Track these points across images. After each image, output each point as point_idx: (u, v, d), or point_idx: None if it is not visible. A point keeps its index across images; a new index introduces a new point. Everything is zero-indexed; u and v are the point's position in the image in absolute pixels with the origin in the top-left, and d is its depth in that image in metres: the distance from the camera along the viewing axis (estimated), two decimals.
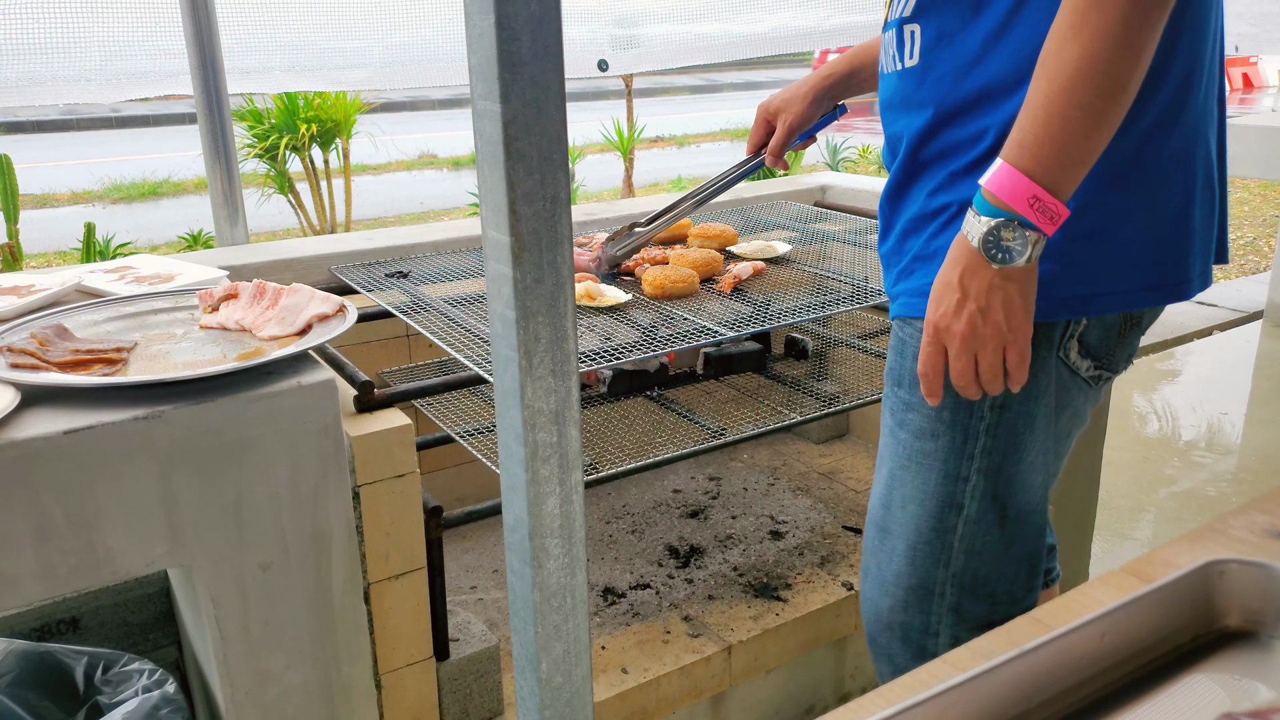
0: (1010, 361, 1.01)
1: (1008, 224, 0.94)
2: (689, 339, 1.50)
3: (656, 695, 1.67)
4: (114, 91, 2.01)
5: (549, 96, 0.66)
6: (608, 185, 8.86)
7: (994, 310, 0.98)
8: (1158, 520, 2.82)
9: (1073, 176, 0.94)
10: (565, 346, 0.73)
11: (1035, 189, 0.93)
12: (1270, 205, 7.88)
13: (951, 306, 1.00)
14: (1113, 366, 1.13)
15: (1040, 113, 0.93)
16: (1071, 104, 0.91)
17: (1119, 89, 0.91)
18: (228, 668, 1.21)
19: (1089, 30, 0.89)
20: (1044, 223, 0.94)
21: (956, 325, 1.00)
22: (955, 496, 1.13)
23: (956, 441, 1.12)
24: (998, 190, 0.95)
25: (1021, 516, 1.15)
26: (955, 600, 1.16)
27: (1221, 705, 0.65)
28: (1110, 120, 0.93)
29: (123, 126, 11.83)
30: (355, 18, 2.27)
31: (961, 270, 0.99)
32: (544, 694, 0.81)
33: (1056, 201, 0.93)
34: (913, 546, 1.17)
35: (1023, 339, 0.99)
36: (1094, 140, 0.93)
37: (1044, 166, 0.93)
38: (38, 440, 1.04)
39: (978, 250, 0.96)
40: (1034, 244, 0.95)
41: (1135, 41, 0.89)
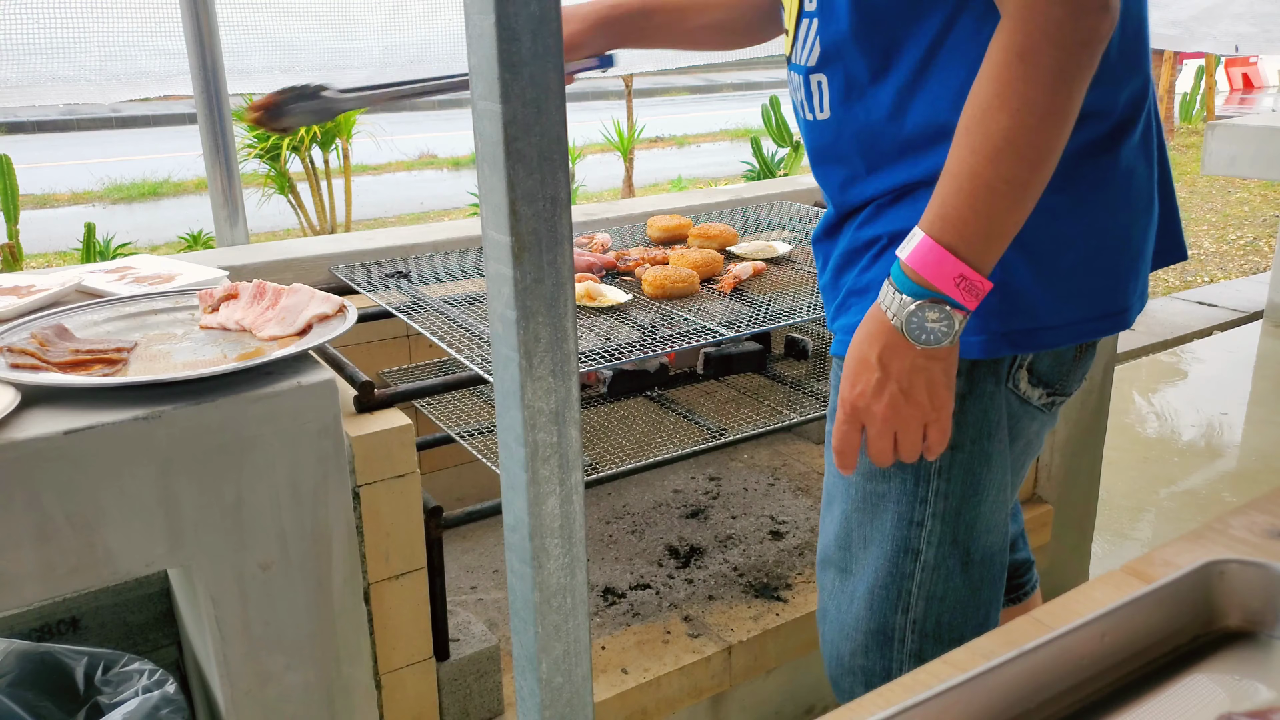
0: (931, 439, 0.97)
1: (933, 304, 0.90)
2: (689, 339, 1.50)
3: (657, 695, 1.67)
4: (114, 91, 2.01)
5: (549, 96, 0.66)
6: (608, 185, 8.86)
7: (917, 390, 0.94)
8: (1158, 520, 2.82)
9: (997, 251, 0.90)
10: (565, 347, 0.73)
11: (961, 267, 0.88)
12: (1270, 205, 7.88)
13: (870, 386, 0.96)
14: (1066, 390, 1.10)
15: (965, 184, 0.88)
16: (998, 177, 0.87)
17: (1044, 160, 0.87)
18: (228, 668, 1.21)
19: (1016, 100, 0.85)
20: (968, 300, 0.90)
21: (876, 406, 0.96)
22: (911, 541, 1.08)
23: (908, 484, 1.07)
24: (920, 268, 0.90)
25: (987, 559, 1.10)
26: (917, 647, 1.11)
27: (1221, 705, 0.65)
28: (1034, 191, 0.88)
29: (123, 127, 11.83)
30: (355, 18, 2.28)
31: (881, 348, 0.94)
32: (544, 694, 0.81)
33: (981, 278, 0.89)
34: (871, 590, 1.12)
35: (946, 416, 0.96)
36: (1018, 213, 0.89)
37: (969, 242, 0.88)
38: (38, 440, 1.04)
39: (899, 330, 0.92)
40: (959, 323, 0.91)
41: (1063, 110, 0.85)
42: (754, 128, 8.36)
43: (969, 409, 1.04)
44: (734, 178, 8.16)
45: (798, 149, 6.82)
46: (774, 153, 7.01)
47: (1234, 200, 8.10)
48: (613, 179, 8.90)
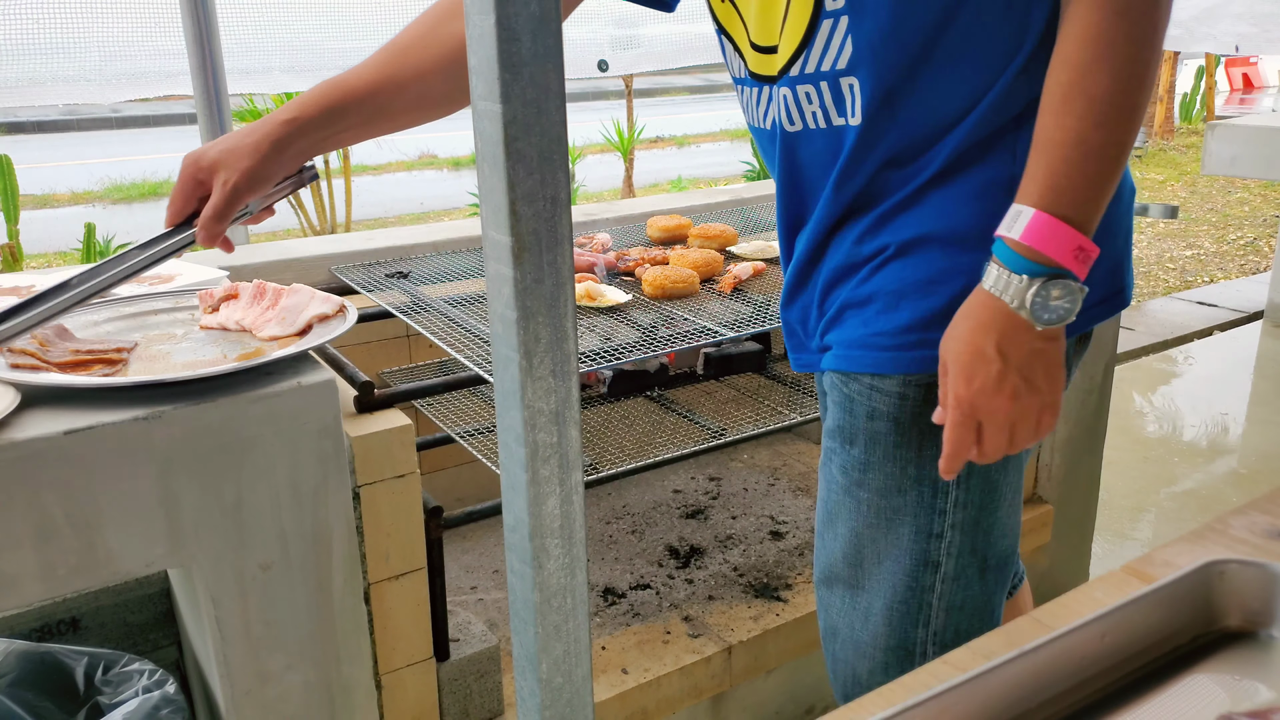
0: (1044, 424, 0.93)
1: (1055, 280, 0.85)
2: (689, 339, 1.50)
3: (657, 695, 1.67)
4: (113, 92, 2.01)
5: (549, 97, 0.66)
6: (608, 185, 8.86)
7: (1037, 376, 0.90)
8: (1158, 520, 2.82)
9: (1100, 214, 0.88)
10: (565, 347, 0.73)
11: (1079, 238, 0.85)
12: (1270, 205, 7.87)
13: (990, 380, 0.89)
14: (1068, 381, 1.07)
15: (1072, 151, 0.85)
16: (1106, 140, 0.85)
17: (1140, 119, 0.86)
18: (228, 668, 1.21)
19: (1119, 59, 0.83)
20: (1083, 271, 0.87)
21: (999, 400, 0.90)
22: (930, 554, 1.05)
23: (925, 496, 1.03)
24: (1039, 244, 0.85)
25: (1001, 563, 1.08)
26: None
27: (1221, 705, 0.65)
28: (1129, 150, 0.88)
29: (123, 127, 11.83)
30: (355, 18, 2.27)
31: (998, 338, 0.88)
32: (544, 694, 0.81)
33: (1094, 245, 0.86)
34: (889, 606, 1.08)
35: (1058, 401, 0.92)
36: (1119, 174, 0.88)
37: (1082, 211, 0.85)
38: (38, 440, 1.04)
39: (1019, 312, 0.87)
40: (1080, 296, 0.87)
41: (1157, 65, 0.85)
42: None
43: None
44: (734, 178, 8.17)
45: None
46: None
47: (1234, 200, 8.10)
48: (613, 179, 8.90)
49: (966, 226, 0.97)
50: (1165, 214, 1.96)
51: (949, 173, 0.99)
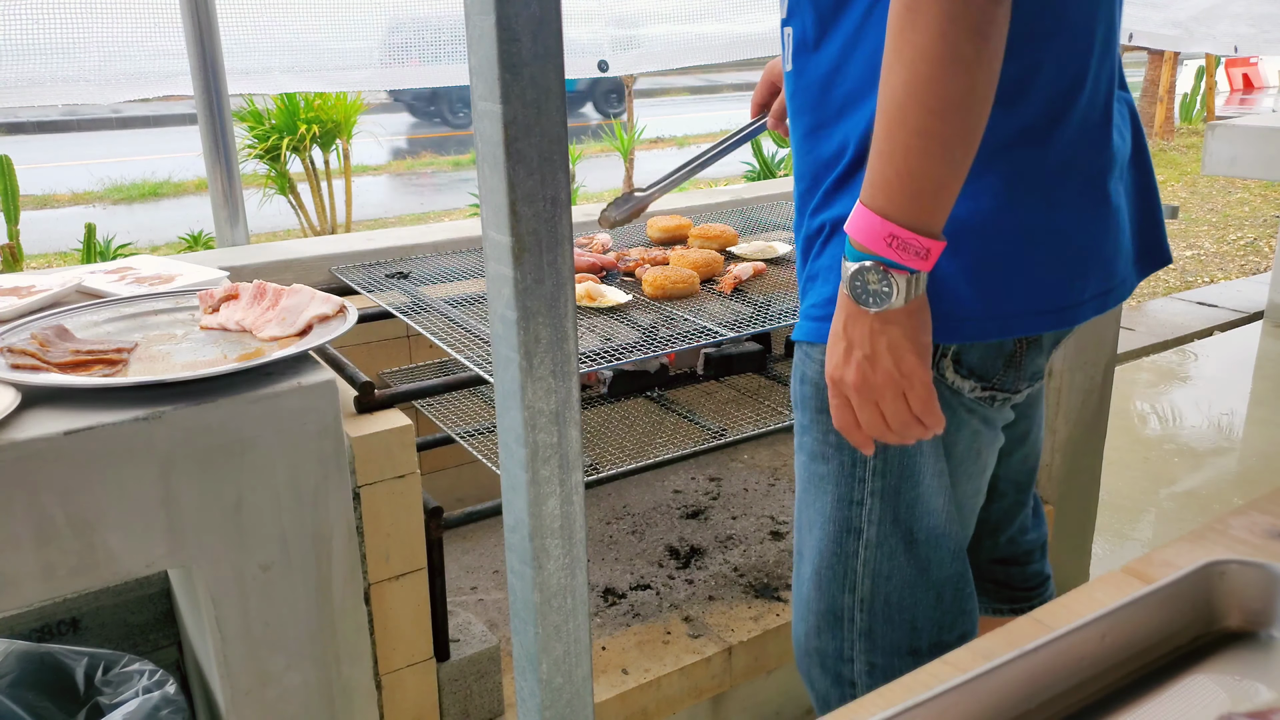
0: (915, 408, 0.96)
1: (871, 268, 0.90)
2: (689, 340, 1.50)
3: (657, 696, 1.67)
4: (113, 92, 2.01)
5: (549, 97, 0.66)
6: (608, 186, 8.86)
7: (880, 356, 0.94)
8: (1158, 521, 2.82)
9: (932, 206, 0.89)
10: (565, 347, 0.73)
11: (890, 228, 0.88)
12: (1270, 206, 7.88)
13: (840, 357, 0.97)
14: (1009, 387, 1.08)
15: (882, 146, 0.88)
16: (908, 132, 0.86)
17: (955, 107, 0.85)
18: (228, 668, 1.21)
19: (909, 51, 0.84)
20: (910, 260, 0.89)
21: (848, 376, 0.96)
22: (852, 520, 1.10)
23: (845, 464, 1.09)
24: (856, 234, 0.91)
25: (933, 540, 1.11)
26: (866, 625, 1.12)
27: (1222, 706, 0.65)
28: (956, 140, 0.87)
29: (123, 127, 11.83)
30: (355, 18, 2.27)
31: (844, 318, 0.95)
32: (544, 695, 0.81)
33: (918, 236, 0.88)
34: (818, 570, 1.14)
35: (919, 384, 0.95)
36: (944, 165, 0.87)
37: (895, 202, 0.88)
38: (38, 441, 1.04)
39: (848, 296, 0.93)
40: (906, 284, 0.90)
41: (960, 55, 0.83)
42: None
43: None
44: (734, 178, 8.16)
45: None
46: (774, 153, 7.01)
47: (1234, 200, 8.10)
48: (613, 179, 8.90)
49: None
50: (1165, 214, 1.95)
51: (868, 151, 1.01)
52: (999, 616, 1.41)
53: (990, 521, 1.36)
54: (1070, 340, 2.13)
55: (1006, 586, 1.40)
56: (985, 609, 1.42)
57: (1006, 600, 1.41)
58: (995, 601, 1.41)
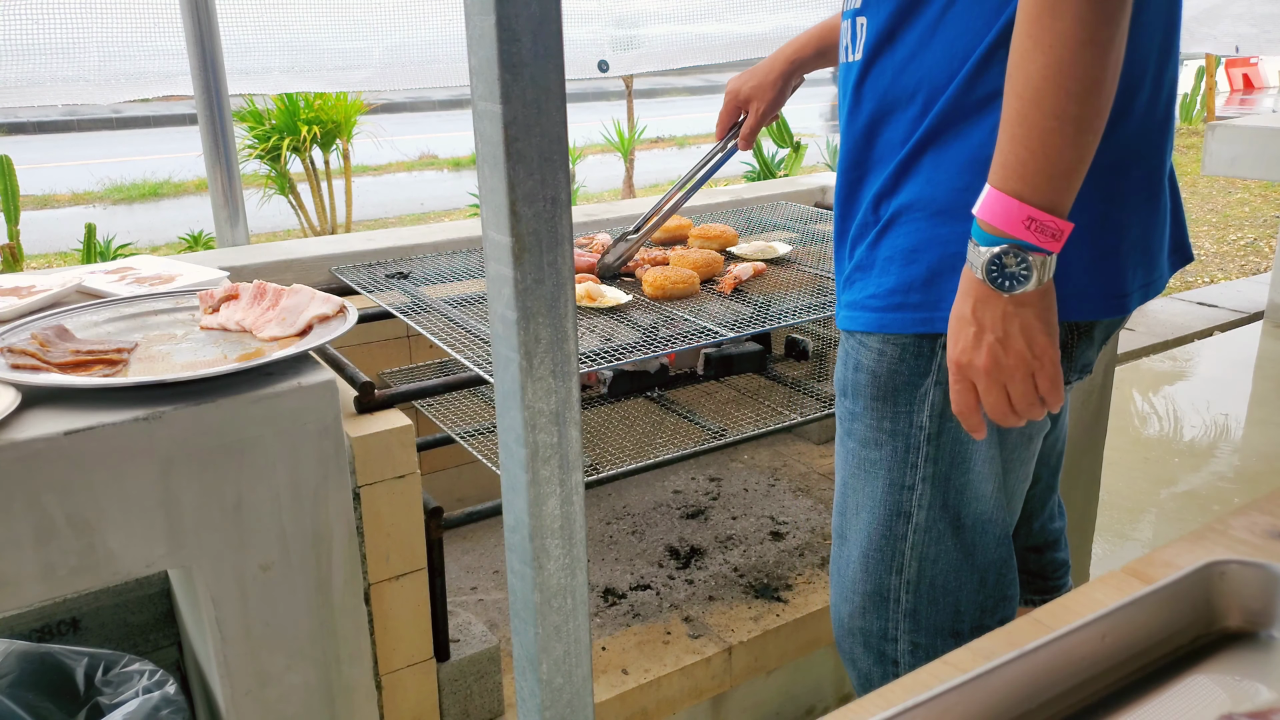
0: (1042, 387, 0.97)
1: (1008, 251, 0.91)
2: (689, 340, 1.50)
3: (657, 696, 1.67)
4: (113, 92, 2.01)
5: (549, 97, 0.66)
6: (608, 186, 8.86)
7: (1013, 338, 0.95)
8: (1158, 521, 2.82)
9: (1064, 188, 0.91)
10: (566, 347, 0.73)
11: (1028, 210, 0.90)
12: (1271, 206, 7.88)
13: (969, 341, 0.97)
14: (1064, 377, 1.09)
15: (1017, 130, 0.90)
16: (1046, 115, 0.88)
17: (1091, 90, 0.88)
18: (228, 668, 1.21)
19: (1049, 37, 0.87)
20: (1046, 241, 0.91)
21: (978, 360, 0.97)
22: (902, 505, 1.13)
23: (899, 450, 1.11)
24: (991, 218, 0.92)
25: (979, 525, 1.13)
26: (911, 606, 1.15)
27: (1222, 706, 0.65)
28: (1090, 123, 0.89)
29: (123, 127, 11.83)
30: (356, 18, 2.27)
31: (973, 302, 0.96)
32: (544, 695, 0.81)
33: (1053, 218, 0.90)
34: (865, 553, 1.17)
35: (1050, 363, 0.96)
36: (1078, 148, 0.90)
37: (1032, 185, 0.90)
38: (38, 441, 1.04)
39: (984, 281, 0.94)
40: (1041, 265, 0.92)
41: (1098, 38, 0.86)
42: None
43: None
44: (734, 178, 8.17)
45: (798, 150, 6.82)
46: (774, 153, 7.01)
47: (1234, 201, 8.10)
48: (613, 179, 8.89)
49: (947, 198, 1.03)
50: None
51: (938, 140, 1.03)
52: (1029, 607, 1.43)
53: (1027, 507, 1.39)
54: None
55: (1039, 576, 1.43)
56: (1020, 600, 1.43)
57: (1037, 591, 1.44)
58: (1028, 593, 1.44)
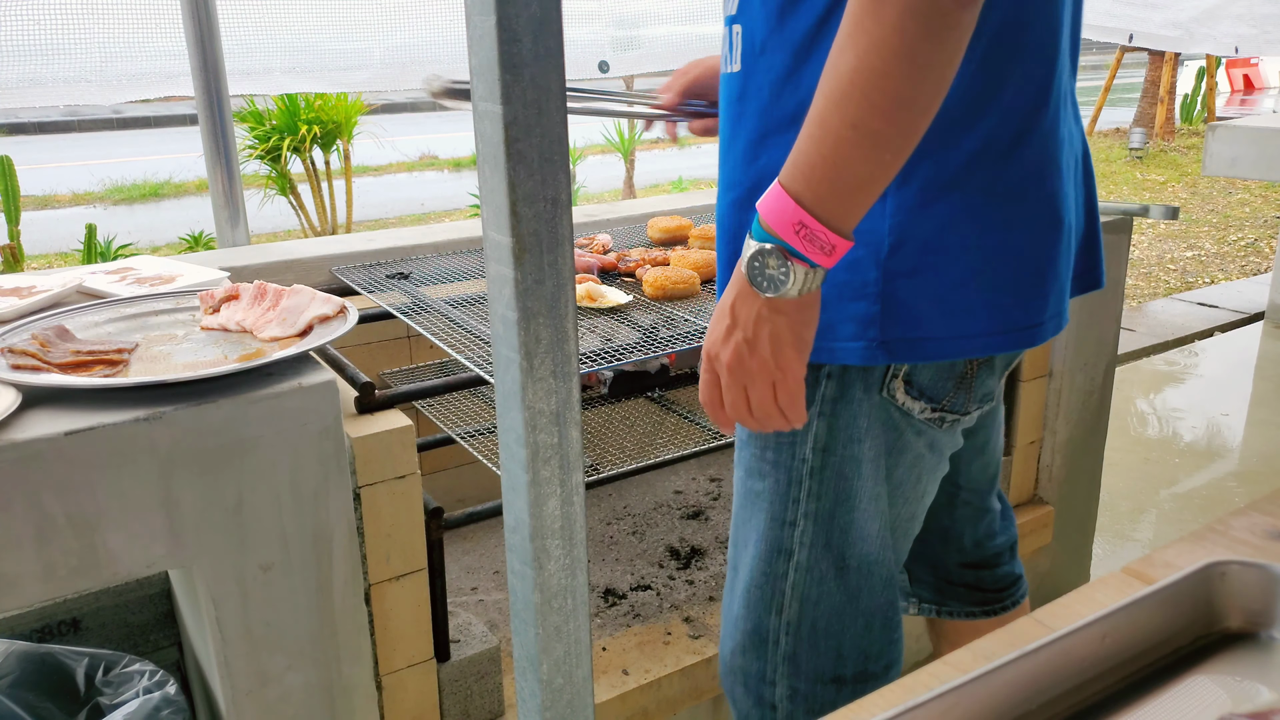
0: (780, 400, 0.94)
1: (773, 251, 0.86)
2: (690, 340, 1.50)
3: (658, 696, 1.67)
4: (114, 93, 2.01)
5: (550, 98, 0.66)
6: (609, 186, 8.86)
7: (760, 343, 0.91)
8: (1158, 521, 2.82)
9: (849, 204, 0.85)
10: (566, 348, 0.73)
11: (802, 215, 0.84)
12: (1271, 207, 7.88)
13: (721, 333, 0.94)
14: (959, 408, 1.06)
15: (815, 130, 0.83)
16: (844, 121, 0.81)
17: (898, 107, 0.80)
18: (228, 669, 1.21)
19: (865, 40, 0.79)
20: (815, 254, 0.85)
21: (724, 353, 0.94)
22: (783, 541, 1.08)
23: (781, 484, 1.07)
24: (765, 213, 0.87)
25: (865, 567, 1.09)
26: (791, 649, 1.11)
27: (1223, 706, 0.65)
28: (890, 142, 0.82)
29: (124, 128, 11.84)
30: (356, 19, 2.28)
31: (734, 296, 0.92)
32: (545, 695, 0.81)
33: (828, 232, 0.84)
34: (747, 589, 1.12)
35: (792, 379, 0.92)
36: (871, 165, 0.83)
37: (814, 191, 0.84)
38: (39, 441, 1.04)
39: (744, 276, 0.89)
40: (804, 276, 0.86)
41: (916, 53, 0.79)
42: None
43: (839, 413, 1.04)
44: None
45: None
46: None
47: (1235, 201, 8.10)
48: (613, 180, 8.90)
49: None
50: (1166, 215, 1.96)
51: None
52: (973, 620, 1.41)
53: (955, 527, 1.35)
54: (1070, 341, 2.13)
55: (978, 589, 1.40)
56: (959, 614, 1.41)
57: (979, 604, 1.40)
58: (968, 605, 1.40)
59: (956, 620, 1.41)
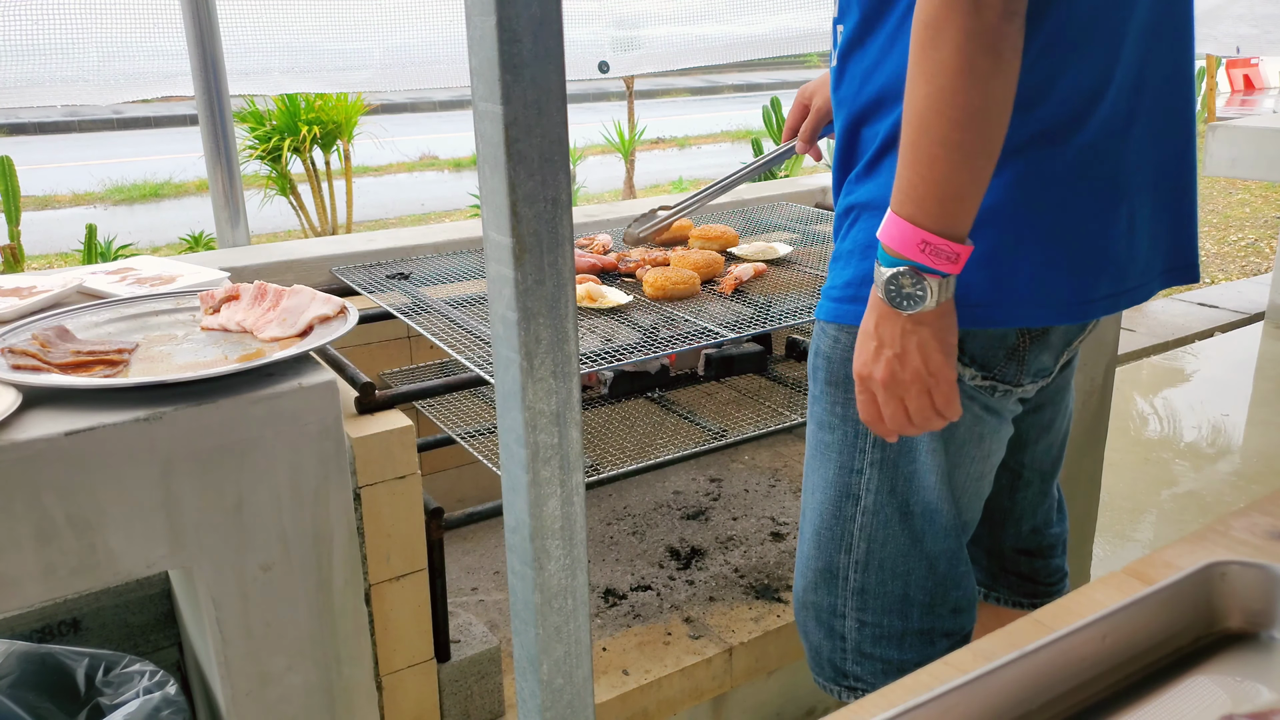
0: (938, 403, 1.01)
1: (905, 272, 0.95)
2: (690, 340, 1.50)
3: (658, 697, 1.67)
4: (113, 93, 2.01)
5: (550, 98, 0.66)
6: (609, 187, 8.86)
7: (910, 355, 0.99)
8: (1159, 522, 2.82)
9: (957, 212, 0.93)
10: (566, 348, 0.73)
11: (922, 234, 0.93)
12: (1271, 207, 7.88)
13: (870, 354, 1.01)
14: (1010, 379, 1.11)
15: (908, 155, 0.93)
16: (932, 142, 0.91)
17: (974, 118, 0.90)
18: (229, 669, 1.21)
19: (931, 66, 0.89)
20: (941, 264, 0.94)
21: (877, 372, 1.01)
22: (851, 487, 1.16)
23: (849, 435, 1.15)
24: (889, 240, 0.95)
25: (927, 514, 1.16)
26: (860, 584, 1.18)
27: (1223, 707, 0.65)
28: (977, 148, 0.91)
29: (124, 128, 11.83)
30: (356, 19, 2.27)
31: (876, 318, 1.00)
32: (545, 696, 0.81)
33: (948, 242, 0.93)
34: (818, 531, 1.20)
35: (945, 382, 1.00)
36: (967, 173, 0.92)
37: (925, 210, 0.93)
38: (39, 441, 1.04)
39: (883, 299, 0.97)
40: (938, 287, 0.95)
41: (977, 68, 0.88)
42: (755, 129, 8.36)
43: None
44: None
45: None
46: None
47: (1235, 202, 8.10)
48: (614, 180, 8.90)
49: None
50: None
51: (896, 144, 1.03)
52: (1019, 609, 1.43)
53: (1015, 509, 1.39)
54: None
55: (1030, 580, 1.42)
56: (1006, 601, 1.44)
57: (1028, 594, 1.43)
58: (1017, 595, 1.44)
59: (1002, 607, 1.44)
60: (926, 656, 1.17)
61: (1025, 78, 0.95)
